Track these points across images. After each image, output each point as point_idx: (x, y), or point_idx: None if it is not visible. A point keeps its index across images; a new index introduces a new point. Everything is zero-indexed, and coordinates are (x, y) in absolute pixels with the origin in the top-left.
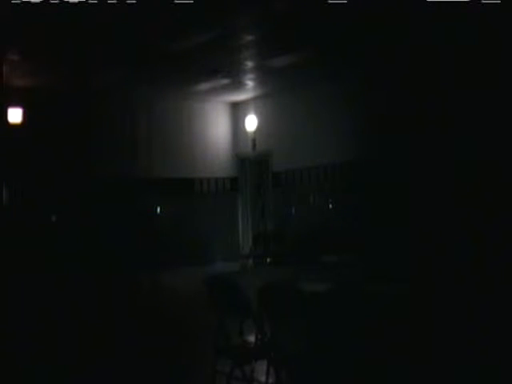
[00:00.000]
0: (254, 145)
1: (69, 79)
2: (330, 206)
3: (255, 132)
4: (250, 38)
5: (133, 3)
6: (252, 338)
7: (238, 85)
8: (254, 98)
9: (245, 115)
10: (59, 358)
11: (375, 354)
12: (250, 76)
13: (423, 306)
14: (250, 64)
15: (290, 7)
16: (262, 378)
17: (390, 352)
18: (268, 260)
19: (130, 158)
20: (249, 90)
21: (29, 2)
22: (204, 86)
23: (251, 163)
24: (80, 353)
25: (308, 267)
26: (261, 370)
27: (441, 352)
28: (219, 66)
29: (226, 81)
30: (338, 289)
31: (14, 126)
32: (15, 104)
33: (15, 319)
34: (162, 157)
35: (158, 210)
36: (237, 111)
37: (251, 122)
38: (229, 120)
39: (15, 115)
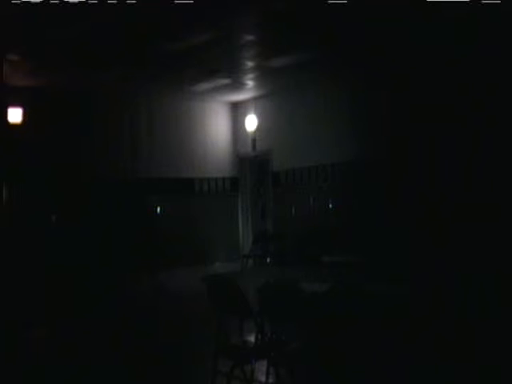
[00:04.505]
0: (254, 145)
1: (69, 79)
2: (330, 205)
3: (255, 132)
4: (250, 37)
5: (133, 3)
6: (252, 338)
7: (238, 85)
8: (254, 98)
9: (245, 115)
10: (58, 358)
11: (375, 354)
12: (250, 76)
13: (423, 307)
14: (249, 64)
15: (290, 7)
16: (262, 378)
17: (390, 352)
18: (268, 260)
19: (130, 158)
20: (249, 89)
21: (29, 2)
22: (204, 86)
23: (251, 163)
24: (79, 353)
25: (308, 267)
26: (261, 370)
27: (441, 351)
28: (219, 66)
29: (225, 81)
30: (338, 289)
31: (14, 126)
32: (15, 104)
33: (14, 319)
34: (162, 157)
35: (158, 210)
36: (237, 111)
37: (251, 122)
38: (229, 120)
39: (15, 115)
